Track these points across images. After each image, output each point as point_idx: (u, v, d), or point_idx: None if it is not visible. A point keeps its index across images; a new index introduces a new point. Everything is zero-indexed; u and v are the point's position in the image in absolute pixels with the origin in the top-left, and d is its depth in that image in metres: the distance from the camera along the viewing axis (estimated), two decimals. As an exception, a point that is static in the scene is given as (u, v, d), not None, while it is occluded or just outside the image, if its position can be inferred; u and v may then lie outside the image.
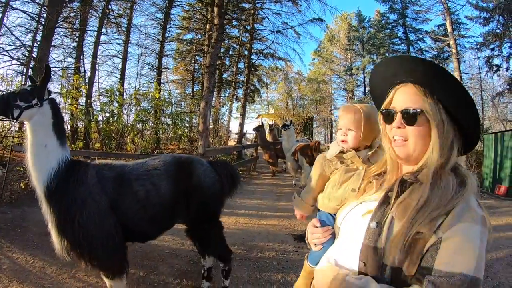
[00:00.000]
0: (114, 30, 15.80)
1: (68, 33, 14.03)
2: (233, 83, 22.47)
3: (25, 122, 2.75)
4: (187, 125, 14.55)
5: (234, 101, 22.75)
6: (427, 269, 0.93)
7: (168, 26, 18.82)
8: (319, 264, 1.24)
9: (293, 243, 5.22)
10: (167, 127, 12.25)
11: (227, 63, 21.79)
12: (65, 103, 10.08)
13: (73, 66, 12.65)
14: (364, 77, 30.82)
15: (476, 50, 19.64)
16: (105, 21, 13.20)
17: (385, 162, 1.23)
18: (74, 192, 2.72)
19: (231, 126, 23.53)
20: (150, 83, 16.95)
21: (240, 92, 22.73)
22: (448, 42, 15.82)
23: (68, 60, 14.68)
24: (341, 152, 1.71)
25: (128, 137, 10.90)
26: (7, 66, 11.96)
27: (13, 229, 5.05)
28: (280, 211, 7.18)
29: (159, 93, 11.72)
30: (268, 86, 28.16)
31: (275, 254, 4.73)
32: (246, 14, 18.36)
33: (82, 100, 10.75)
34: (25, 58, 11.66)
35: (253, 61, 21.08)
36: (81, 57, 12.36)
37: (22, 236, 4.79)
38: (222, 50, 18.88)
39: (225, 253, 3.40)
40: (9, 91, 3.37)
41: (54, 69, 11.15)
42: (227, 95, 23.55)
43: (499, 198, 10.83)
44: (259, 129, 12.53)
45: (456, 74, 14.94)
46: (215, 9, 10.27)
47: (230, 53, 21.98)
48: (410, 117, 1.06)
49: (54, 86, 15.46)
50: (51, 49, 9.57)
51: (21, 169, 7.81)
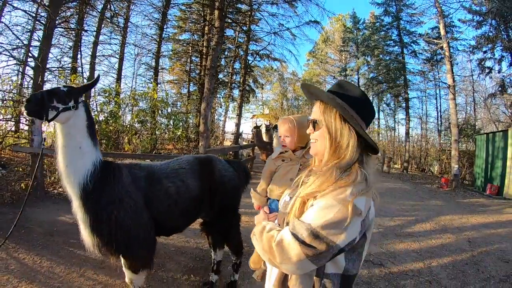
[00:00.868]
0: (110, 29, 15.81)
1: (65, 33, 14.00)
2: (229, 84, 22.52)
3: (56, 124, 2.67)
4: (184, 125, 14.58)
5: (230, 101, 22.83)
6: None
7: (165, 27, 18.79)
8: None
9: (293, 241, 5.34)
10: (165, 127, 12.27)
11: (223, 63, 21.80)
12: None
13: (70, 66, 12.66)
14: (358, 78, 30.91)
15: (469, 53, 19.87)
16: (103, 21, 13.19)
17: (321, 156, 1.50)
18: (112, 191, 2.77)
19: (226, 126, 23.61)
20: (148, 83, 16.95)
21: (236, 93, 22.81)
22: (441, 45, 15.96)
23: (64, 59, 14.70)
24: (282, 153, 2.38)
25: (126, 138, 10.92)
26: (3, 65, 11.97)
27: (16, 229, 4.93)
28: (278, 210, 7.25)
29: (157, 93, 11.74)
30: (263, 87, 28.25)
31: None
32: (242, 16, 18.42)
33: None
34: (23, 57, 11.67)
35: (249, 62, 21.15)
36: (79, 57, 12.34)
37: (27, 236, 4.74)
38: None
39: (239, 246, 3.64)
40: (43, 90, 3.07)
41: (51, 68, 11.18)
42: (223, 95, 23.61)
43: (490, 197, 11.05)
44: (259, 128, 12.58)
45: (449, 77, 15.14)
46: (216, 12, 10.31)
47: (226, 53, 21.99)
48: (313, 125, 1.43)
49: (51, 86, 15.52)
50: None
51: (20, 169, 7.85)
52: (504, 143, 12.13)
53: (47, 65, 7.48)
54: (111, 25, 14.99)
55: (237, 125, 18.51)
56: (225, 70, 23.03)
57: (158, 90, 13.62)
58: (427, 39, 21.43)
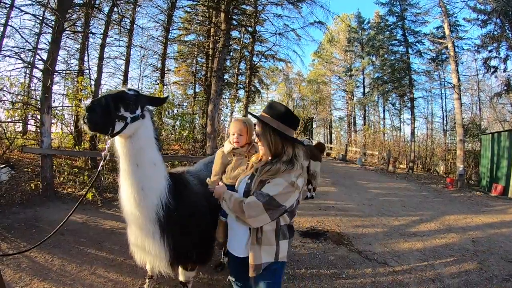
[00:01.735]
0: (117, 32, 15.92)
1: (72, 35, 14.13)
2: (235, 85, 22.59)
3: (116, 138, 2.27)
4: (190, 126, 14.67)
5: (236, 102, 22.90)
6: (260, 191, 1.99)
7: (170, 29, 18.87)
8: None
9: (299, 238, 5.45)
10: (172, 128, 12.36)
11: (228, 64, 21.87)
12: (71, 105, 10.23)
13: (77, 68, 12.77)
14: (364, 78, 30.94)
15: (474, 52, 19.79)
16: (110, 24, 13.27)
17: (259, 154, 2.29)
18: (190, 202, 2.61)
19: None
20: (154, 84, 17.07)
21: (242, 93, 22.91)
22: (446, 45, 15.92)
23: (71, 61, 14.85)
24: (234, 148, 2.79)
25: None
26: (12, 67, 12.14)
27: (27, 229, 5.08)
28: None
29: (163, 94, 11.82)
30: (269, 87, 28.29)
31: (283, 248, 4.96)
32: (248, 17, 18.47)
33: (89, 102, 10.80)
34: (31, 59, 11.82)
35: (255, 63, 21.19)
36: (86, 59, 12.44)
37: (38, 235, 4.80)
38: (223, 52, 19.01)
39: None
40: (105, 93, 2.52)
41: (59, 70, 11.31)
42: (228, 96, 23.68)
43: (496, 197, 11.01)
44: None
45: (454, 76, 15.14)
46: (222, 14, 10.40)
47: (232, 54, 22.05)
48: (258, 137, 2.17)
49: (59, 88, 15.71)
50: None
51: (30, 170, 7.98)
52: (509, 142, 12.06)
53: (56, 68, 7.57)
54: (118, 28, 15.10)
55: (244, 126, 18.51)
56: (231, 71, 23.08)
57: (165, 91, 13.71)
58: (432, 38, 21.39)
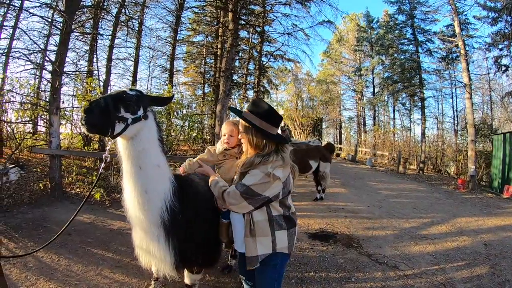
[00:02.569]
0: (125, 33, 16.04)
1: (80, 37, 14.27)
2: (243, 85, 22.59)
3: (118, 140, 2.23)
4: (199, 126, 14.70)
5: (245, 103, 22.93)
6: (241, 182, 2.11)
7: (179, 29, 18.95)
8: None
9: (308, 241, 5.39)
10: (180, 129, 12.38)
11: (237, 64, 21.90)
12: (80, 106, 10.29)
13: (86, 69, 12.90)
14: (373, 78, 30.69)
15: (485, 50, 19.37)
16: (118, 25, 13.39)
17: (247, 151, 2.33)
18: (195, 204, 2.56)
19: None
20: (163, 85, 17.14)
21: (251, 94, 22.92)
22: (457, 43, 15.69)
23: (80, 63, 15.01)
24: (225, 149, 2.90)
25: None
26: (21, 69, 12.29)
27: (35, 228, 5.12)
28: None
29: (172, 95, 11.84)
30: (278, 87, 28.22)
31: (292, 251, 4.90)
32: (256, 17, 18.46)
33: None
34: (40, 61, 11.93)
35: (264, 63, 21.16)
36: (95, 60, 12.55)
37: (45, 235, 4.83)
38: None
39: None
40: (105, 94, 2.44)
41: (68, 72, 11.40)
42: (237, 96, 23.70)
43: (508, 199, 10.80)
44: (284, 128, 12.50)
45: (464, 75, 14.87)
46: (230, 14, 10.39)
47: (240, 55, 22.07)
48: (240, 132, 2.32)
49: (68, 89, 15.86)
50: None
51: (38, 170, 8.04)
52: (522, 143, 11.84)
53: (64, 69, 7.63)
54: (126, 29, 15.20)
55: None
56: (240, 72, 23.14)
57: (173, 92, 13.75)
58: (442, 37, 21.15)
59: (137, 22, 15.71)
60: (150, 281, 3.44)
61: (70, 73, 11.56)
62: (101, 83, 11.81)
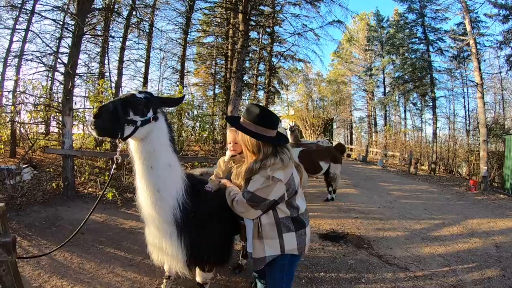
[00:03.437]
0: (136, 35, 16.22)
1: (92, 39, 14.47)
2: (254, 85, 22.63)
3: (130, 141, 2.29)
4: (210, 127, 14.75)
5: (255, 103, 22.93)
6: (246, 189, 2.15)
7: (189, 31, 19.06)
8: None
9: (318, 241, 5.40)
10: (191, 129, 12.43)
11: (247, 65, 21.94)
12: (92, 107, 10.43)
13: (97, 71, 13.07)
14: (384, 77, 30.44)
15: (496, 49, 19.08)
16: (129, 27, 13.54)
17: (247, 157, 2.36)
18: (208, 202, 2.59)
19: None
20: (174, 86, 17.23)
21: (261, 94, 22.96)
22: (468, 42, 15.46)
23: (92, 65, 15.21)
24: (232, 156, 2.91)
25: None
26: (34, 71, 12.50)
27: (48, 227, 5.18)
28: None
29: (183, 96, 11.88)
30: (288, 88, 28.20)
31: (303, 251, 4.92)
32: (266, 17, 18.48)
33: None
34: (52, 63, 12.15)
35: (274, 64, 21.16)
36: (106, 62, 12.69)
37: (58, 234, 4.89)
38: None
39: None
40: (115, 98, 2.45)
41: (80, 73, 11.58)
42: (248, 97, 23.72)
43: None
44: (293, 129, 12.47)
45: (476, 74, 14.65)
46: (240, 15, 10.43)
47: (251, 55, 22.10)
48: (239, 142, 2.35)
49: (80, 90, 16.08)
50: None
51: (51, 170, 8.17)
52: (535, 143, 11.65)
53: (77, 71, 7.75)
54: (137, 31, 15.36)
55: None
56: (250, 72, 23.15)
57: (184, 93, 13.82)
58: (452, 35, 20.90)
59: (147, 24, 15.90)
60: (161, 279, 3.46)
61: (82, 74, 11.73)
62: (113, 85, 11.92)
